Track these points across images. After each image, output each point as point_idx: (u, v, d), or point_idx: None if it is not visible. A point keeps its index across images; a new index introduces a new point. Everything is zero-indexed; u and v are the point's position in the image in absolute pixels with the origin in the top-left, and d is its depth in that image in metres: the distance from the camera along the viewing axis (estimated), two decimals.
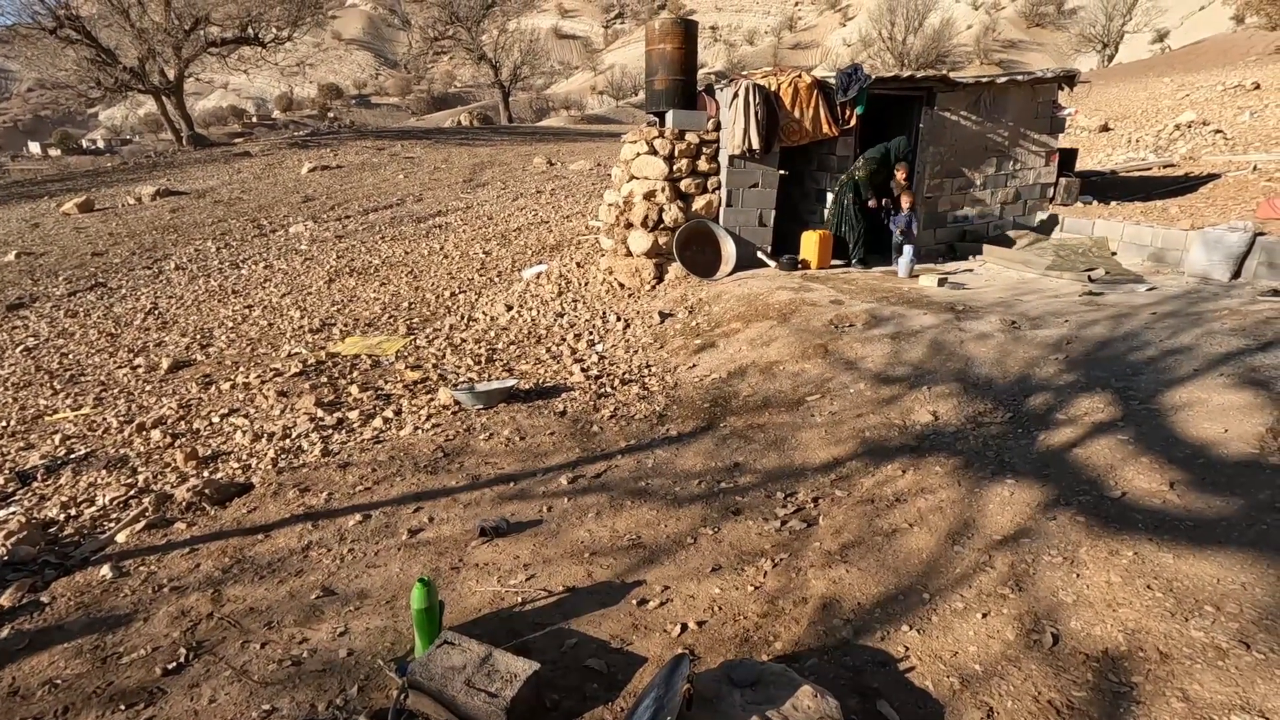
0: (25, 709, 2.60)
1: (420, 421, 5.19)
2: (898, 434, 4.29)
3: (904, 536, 3.22)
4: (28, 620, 3.09)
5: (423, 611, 2.71)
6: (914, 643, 2.55)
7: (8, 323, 10.17)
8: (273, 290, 10.62)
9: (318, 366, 6.92)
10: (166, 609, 3.14)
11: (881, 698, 2.32)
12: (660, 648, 2.80)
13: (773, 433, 4.64)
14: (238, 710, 2.56)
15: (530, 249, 11.11)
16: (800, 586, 3.03)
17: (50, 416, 6.64)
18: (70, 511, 4.40)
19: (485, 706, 2.37)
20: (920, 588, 2.85)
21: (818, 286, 7.33)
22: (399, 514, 3.88)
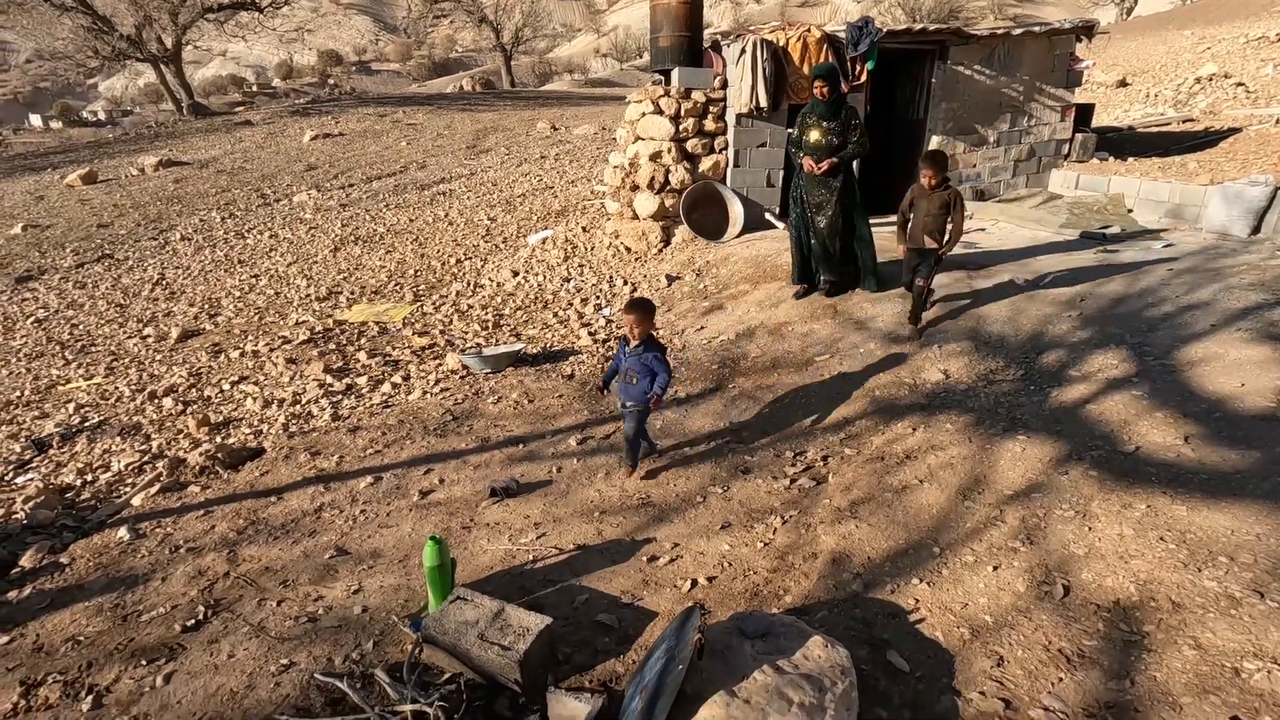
0: (50, 664, 2.65)
1: (429, 386, 5.20)
2: (908, 393, 4.26)
3: (914, 493, 3.21)
4: (49, 580, 3.15)
5: (435, 569, 2.74)
6: (924, 595, 2.56)
7: (18, 295, 10.21)
8: (279, 259, 10.59)
9: (325, 334, 6.92)
10: (184, 569, 3.18)
11: (891, 648, 2.33)
12: (671, 603, 2.83)
13: (782, 393, 4.62)
14: (257, 665, 2.60)
15: (535, 215, 11.00)
16: (810, 542, 3.04)
17: (63, 386, 6.69)
18: (86, 477, 4.46)
19: (499, 659, 2.40)
20: (930, 542, 2.85)
21: None
22: (409, 476, 3.91)
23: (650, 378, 3.59)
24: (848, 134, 5.31)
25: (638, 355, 3.58)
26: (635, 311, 3.56)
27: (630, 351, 3.61)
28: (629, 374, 3.63)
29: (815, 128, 5.35)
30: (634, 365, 3.60)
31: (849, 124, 5.29)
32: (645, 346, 3.58)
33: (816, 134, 5.33)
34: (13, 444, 5.28)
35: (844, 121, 5.27)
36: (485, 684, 2.47)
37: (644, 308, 3.60)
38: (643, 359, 3.58)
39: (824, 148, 5.32)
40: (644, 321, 3.57)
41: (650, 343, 3.63)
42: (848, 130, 5.30)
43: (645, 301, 3.65)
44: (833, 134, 5.30)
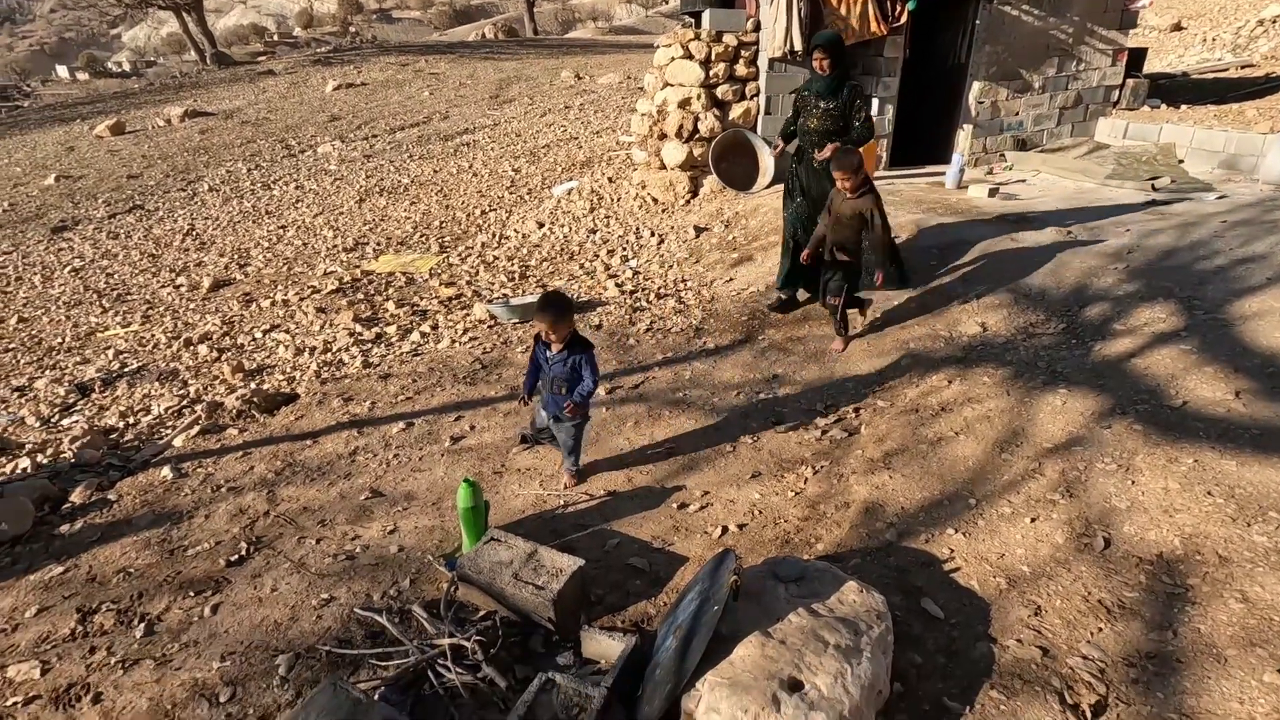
0: (103, 593, 2.76)
1: (457, 335, 5.21)
2: (944, 345, 4.17)
3: (949, 445, 3.16)
4: (98, 515, 3.26)
5: (469, 510, 2.78)
6: (959, 545, 2.54)
7: (54, 245, 10.37)
8: (305, 210, 10.61)
9: (354, 284, 6.95)
10: (225, 507, 3.27)
11: (926, 595, 2.32)
12: (701, 549, 2.84)
13: (812, 345, 4.55)
14: (299, 598, 2.68)
15: (560, 166, 10.84)
16: (842, 492, 3.02)
17: (102, 333, 6.83)
18: (128, 419, 4.57)
19: (533, 598, 2.44)
20: (966, 494, 2.81)
21: None
22: (440, 422, 3.94)
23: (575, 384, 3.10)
24: (850, 115, 4.46)
25: (562, 360, 3.05)
26: (548, 313, 2.95)
27: (554, 357, 3.06)
28: (556, 383, 3.10)
29: (813, 111, 4.50)
30: (560, 373, 3.07)
31: (852, 104, 4.43)
32: (569, 349, 3.05)
33: (815, 120, 4.49)
34: (57, 388, 5.42)
35: (846, 101, 4.42)
36: (520, 622, 2.52)
37: (557, 307, 2.98)
38: (569, 363, 3.06)
39: (823, 134, 4.49)
40: (561, 322, 2.98)
41: (575, 343, 3.07)
42: (850, 110, 4.44)
43: (557, 299, 3.02)
44: (832, 117, 4.45)
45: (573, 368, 3.06)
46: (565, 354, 3.03)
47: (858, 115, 4.46)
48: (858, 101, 4.44)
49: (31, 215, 11.98)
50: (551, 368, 3.09)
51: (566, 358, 3.04)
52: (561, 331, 3.00)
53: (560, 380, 3.09)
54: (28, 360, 6.25)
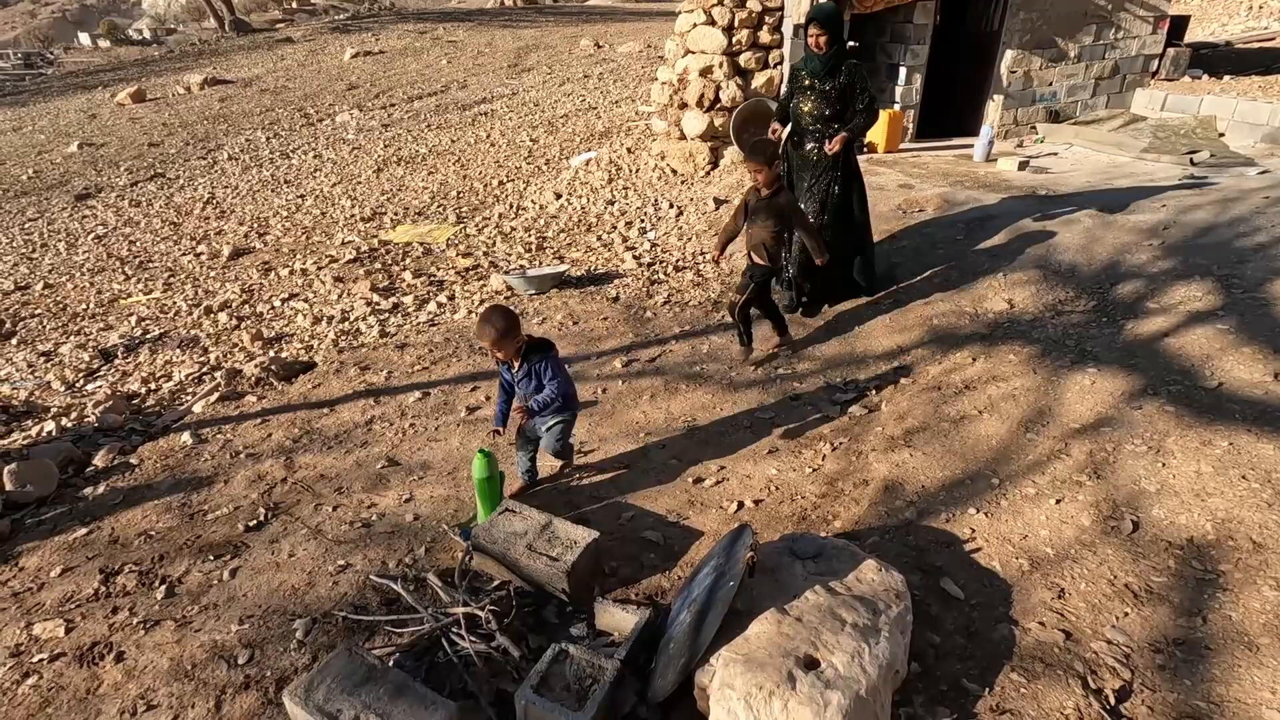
0: (125, 555, 2.80)
1: (474, 306, 5.19)
2: (969, 322, 4.07)
3: (972, 423, 3.09)
4: (120, 479, 3.30)
5: (484, 481, 2.77)
6: (981, 525, 2.49)
7: (78, 212, 10.46)
8: (323, 180, 10.59)
9: (371, 254, 6.94)
10: (244, 473, 3.30)
11: (945, 575, 2.28)
12: (717, 523, 2.82)
13: (832, 320, 4.47)
14: (315, 564, 2.70)
15: (578, 136, 10.69)
16: (861, 469, 2.98)
17: (125, 300, 6.89)
18: (150, 385, 4.62)
19: (547, 569, 2.44)
20: (989, 473, 2.75)
21: (885, 170, 6.86)
22: (456, 392, 3.94)
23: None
24: (850, 100, 3.98)
25: (526, 374, 2.81)
26: (487, 330, 2.66)
27: (517, 376, 2.83)
28: (527, 399, 2.86)
29: (808, 93, 4.05)
30: (526, 388, 2.83)
31: (851, 86, 3.94)
32: (528, 359, 2.78)
33: (809, 103, 4.06)
34: (81, 353, 5.49)
35: (844, 83, 3.93)
36: (533, 592, 2.52)
37: (497, 325, 2.65)
38: (531, 374, 2.81)
39: (818, 119, 4.06)
40: (505, 340, 2.68)
41: (533, 351, 2.80)
42: (850, 95, 3.96)
43: (497, 315, 2.69)
44: (828, 100, 4.00)
45: (536, 376, 2.81)
46: (525, 367, 2.79)
47: (859, 99, 3.99)
48: (857, 85, 3.96)
49: (56, 182, 12.09)
50: (518, 385, 2.85)
51: (528, 369, 2.80)
52: (509, 349, 2.73)
53: (530, 395, 2.84)
54: (54, 326, 6.34)
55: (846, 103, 4.03)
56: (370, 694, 1.97)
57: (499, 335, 2.67)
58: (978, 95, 8.29)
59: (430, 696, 1.97)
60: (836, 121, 4.05)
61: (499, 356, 2.78)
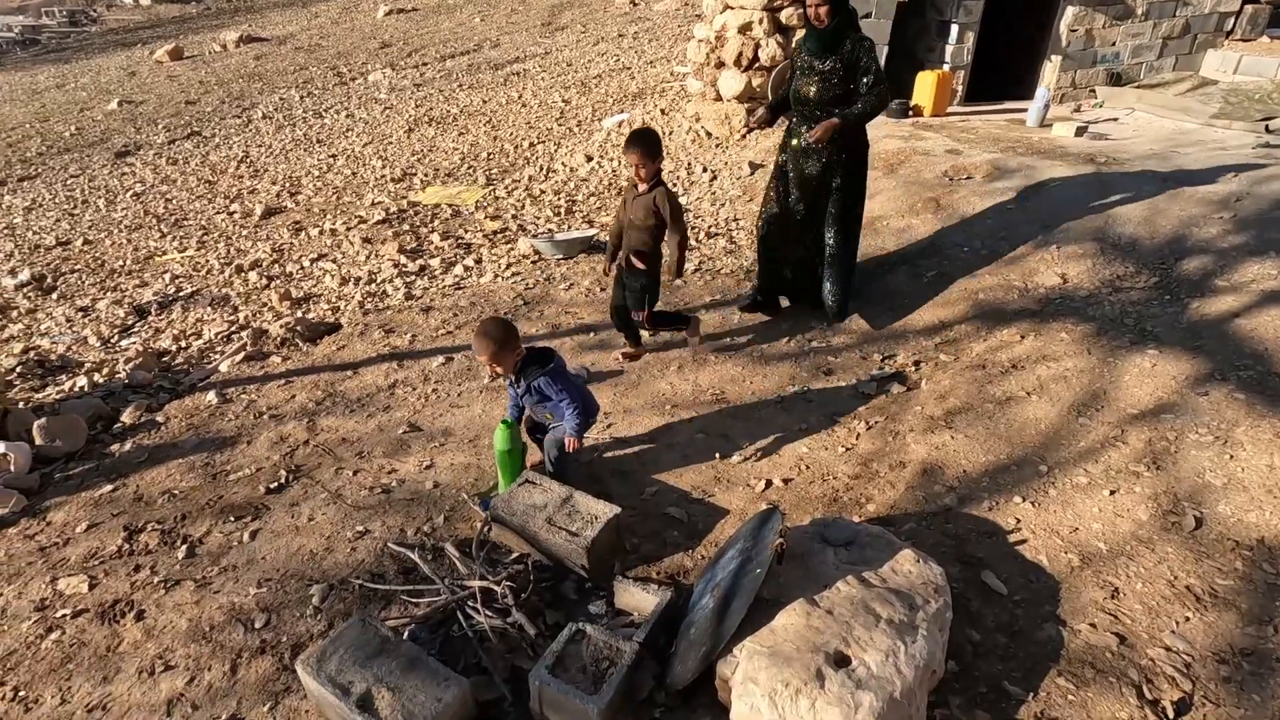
0: (149, 513, 2.81)
1: (500, 270, 5.09)
2: (1017, 297, 3.84)
3: (1020, 405, 2.91)
4: (146, 436, 3.31)
5: (505, 453, 2.69)
6: (1026, 515, 2.34)
7: (117, 169, 10.58)
8: (355, 140, 10.53)
9: (400, 215, 6.87)
10: (267, 435, 3.28)
11: (987, 568, 2.15)
12: (743, 502, 2.71)
13: (872, 291, 4.27)
14: (334, 529, 2.67)
15: (611, 97, 10.42)
16: (898, 450, 2.83)
17: (160, 257, 6.96)
18: (180, 343, 4.64)
19: (566, 545, 2.36)
20: (1037, 459, 2.58)
21: (931, 135, 6.52)
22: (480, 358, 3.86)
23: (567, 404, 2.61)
24: (853, 78, 3.41)
25: (527, 391, 2.63)
26: (484, 343, 2.47)
27: (521, 393, 2.66)
28: (538, 414, 2.75)
29: (809, 75, 3.49)
30: (532, 404, 2.68)
31: (855, 62, 3.38)
32: (526, 373, 2.58)
33: (811, 85, 3.48)
34: (117, 309, 5.55)
35: (848, 59, 3.38)
36: (552, 566, 2.45)
37: (494, 337, 2.47)
38: (532, 390, 2.62)
39: (821, 104, 3.48)
40: (504, 353, 2.49)
41: (531, 364, 2.58)
42: (854, 73, 3.40)
43: (494, 326, 2.51)
44: (830, 83, 3.42)
45: (541, 394, 2.60)
46: (524, 384, 2.60)
47: (862, 77, 3.39)
48: (862, 60, 3.37)
49: (97, 140, 12.25)
50: (523, 401, 2.70)
51: (526, 386, 2.60)
52: (508, 362, 2.53)
53: (542, 409, 2.70)
54: (92, 282, 6.42)
55: (851, 83, 3.44)
56: (383, 666, 1.93)
57: (497, 348, 2.47)
58: (1033, 56, 7.81)
59: (443, 672, 1.92)
60: (840, 105, 3.48)
61: (497, 371, 2.57)
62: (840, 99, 3.46)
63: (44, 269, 6.73)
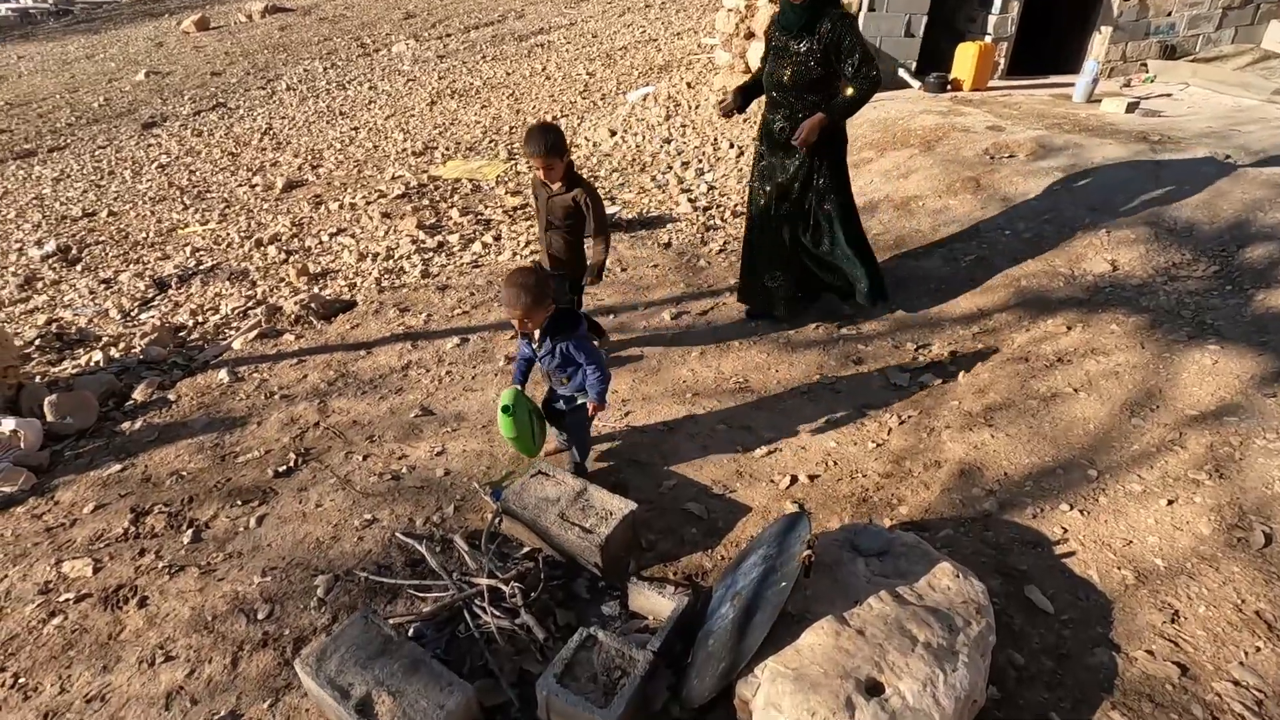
0: (157, 495, 2.75)
1: (519, 248, 4.96)
2: (1063, 284, 3.62)
3: (1066, 402, 2.72)
4: (157, 415, 3.26)
5: (514, 440, 2.53)
6: (1075, 525, 2.17)
7: (144, 140, 10.60)
8: (377, 112, 10.42)
9: (420, 189, 6.76)
10: (277, 415, 3.21)
11: (1031, 582, 1.99)
12: (766, 498, 2.57)
13: (904, 275, 4.06)
14: (341, 517, 2.59)
15: (636, 70, 10.15)
16: (933, 448, 2.66)
17: (183, 230, 6.94)
18: (198, 318, 4.60)
19: (579, 542, 2.25)
20: (1085, 463, 2.40)
21: (971, 110, 6.21)
22: (496, 340, 3.75)
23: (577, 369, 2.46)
24: (835, 61, 2.99)
25: (550, 352, 2.41)
26: (518, 297, 2.24)
27: (540, 353, 2.44)
28: (554, 377, 2.52)
29: (785, 58, 3.11)
30: (550, 366, 2.46)
31: (837, 43, 2.95)
32: (553, 335, 2.38)
33: (786, 69, 3.10)
34: (138, 282, 5.53)
35: (827, 40, 2.94)
36: (564, 562, 2.35)
37: (531, 291, 2.25)
38: (557, 353, 2.40)
39: (796, 89, 3.10)
40: (537, 309, 2.29)
41: (560, 325, 2.38)
42: (835, 55, 2.97)
43: (530, 278, 2.28)
44: (808, 65, 3.02)
45: (564, 356, 2.41)
46: (550, 344, 2.39)
47: (845, 60, 2.97)
48: (847, 41, 2.93)
49: (124, 110, 12.29)
50: (541, 362, 2.48)
51: (552, 347, 2.40)
52: (539, 319, 2.33)
53: (558, 373, 2.49)
54: (116, 254, 6.42)
55: (832, 65, 3.02)
56: (384, 668, 1.84)
57: (532, 302, 2.26)
58: (1082, 27, 7.40)
59: (446, 676, 1.82)
60: (820, 94, 3.09)
61: (526, 329, 2.35)
62: (819, 84, 3.07)
63: (70, 240, 6.75)
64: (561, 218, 3.00)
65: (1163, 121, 5.74)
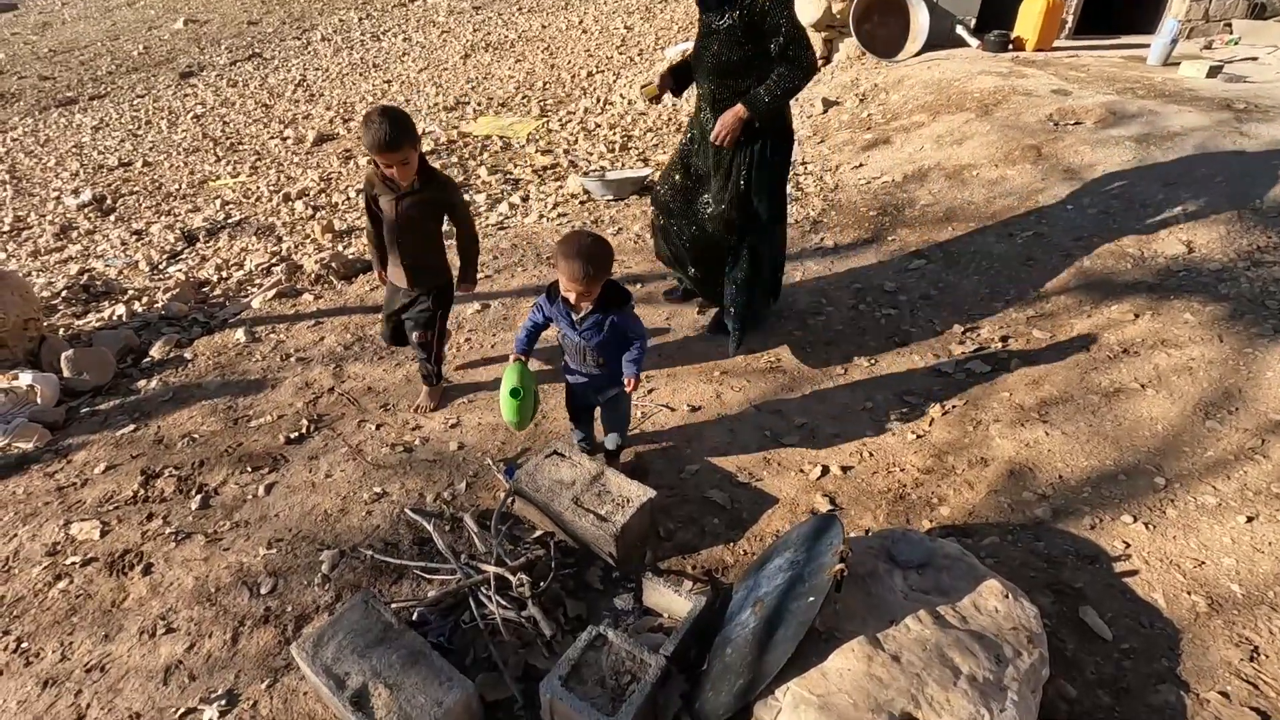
0: (168, 457, 2.70)
1: (546, 210, 4.78)
2: (1131, 266, 3.32)
3: (1132, 399, 2.48)
4: (173, 374, 3.20)
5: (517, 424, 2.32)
6: (1138, 539, 1.96)
7: (181, 90, 10.58)
8: (410, 65, 10.22)
9: (449, 145, 6.59)
10: (292, 379, 3.13)
11: (1087, 603, 1.80)
12: (795, 489, 2.41)
13: (954, 251, 3.79)
14: (351, 489, 2.51)
15: (676, 24, 9.74)
16: (979, 443, 2.46)
17: (214, 182, 6.89)
18: (222, 273, 4.55)
19: (594, 529, 2.12)
20: (1152, 469, 2.18)
21: (1034, 72, 5.77)
22: (518, 306, 3.60)
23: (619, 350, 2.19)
24: (761, 38, 2.53)
25: (596, 325, 2.11)
26: (585, 266, 1.94)
27: (584, 323, 2.11)
28: (583, 353, 2.18)
29: (707, 37, 2.66)
30: (591, 340, 2.14)
31: (760, 18, 2.48)
32: (604, 308, 2.09)
33: (709, 50, 2.65)
34: (168, 234, 5.51)
35: (750, 13, 2.48)
36: (577, 549, 2.23)
37: (600, 263, 1.98)
38: (605, 328, 2.11)
39: (720, 73, 2.65)
40: (596, 283, 2.01)
41: (613, 300, 2.10)
42: (760, 32, 2.51)
43: (600, 247, 2.00)
44: (731, 44, 2.56)
45: (612, 331, 2.12)
46: (597, 315, 2.09)
47: (772, 38, 2.50)
48: (772, 16, 2.46)
49: (163, 59, 12.29)
50: (579, 333, 2.14)
51: (601, 320, 2.10)
52: (594, 294, 2.05)
53: (592, 350, 2.16)
54: (148, 205, 6.42)
55: (757, 43, 2.55)
56: (382, 658, 1.75)
57: (599, 271, 1.98)
58: None
59: (446, 671, 1.72)
60: (746, 76, 2.62)
61: (580, 295, 2.02)
62: (745, 66, 2.59)
63: (105, 189, 6.76)
64: (419, 218, 2.49)
65: (1249, 88, 5.25)
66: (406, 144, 2.28)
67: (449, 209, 2.59)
